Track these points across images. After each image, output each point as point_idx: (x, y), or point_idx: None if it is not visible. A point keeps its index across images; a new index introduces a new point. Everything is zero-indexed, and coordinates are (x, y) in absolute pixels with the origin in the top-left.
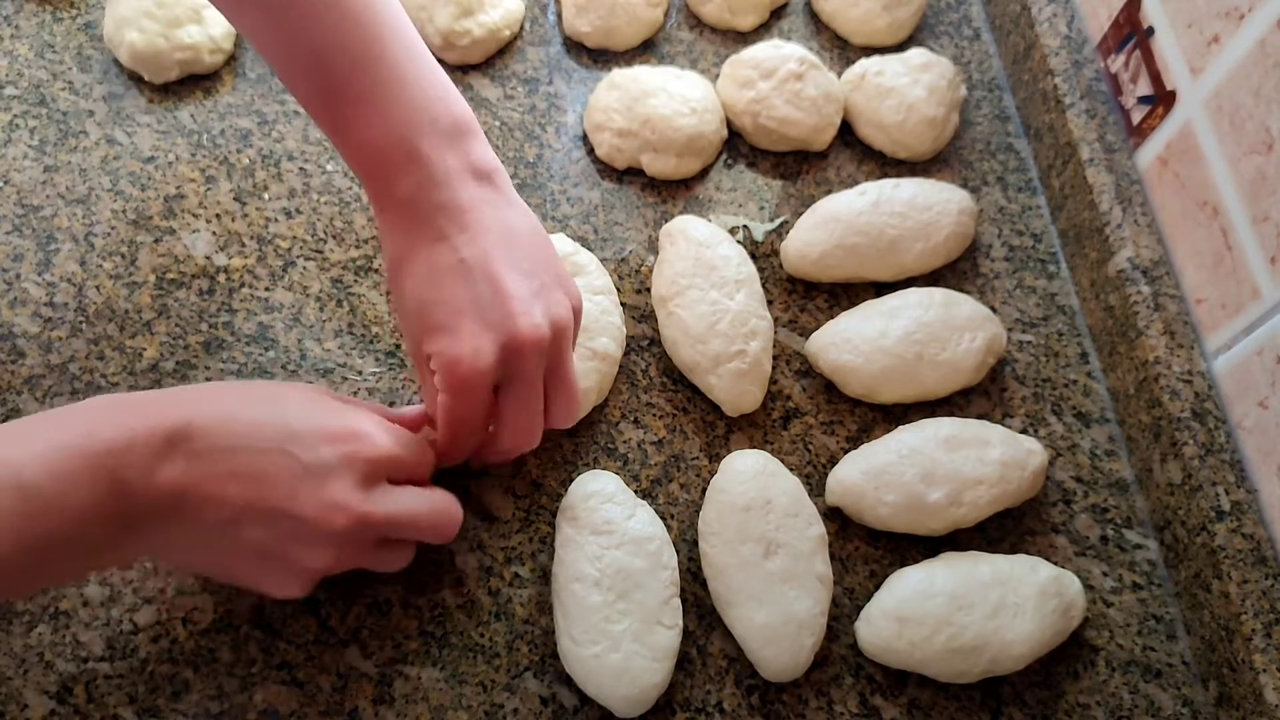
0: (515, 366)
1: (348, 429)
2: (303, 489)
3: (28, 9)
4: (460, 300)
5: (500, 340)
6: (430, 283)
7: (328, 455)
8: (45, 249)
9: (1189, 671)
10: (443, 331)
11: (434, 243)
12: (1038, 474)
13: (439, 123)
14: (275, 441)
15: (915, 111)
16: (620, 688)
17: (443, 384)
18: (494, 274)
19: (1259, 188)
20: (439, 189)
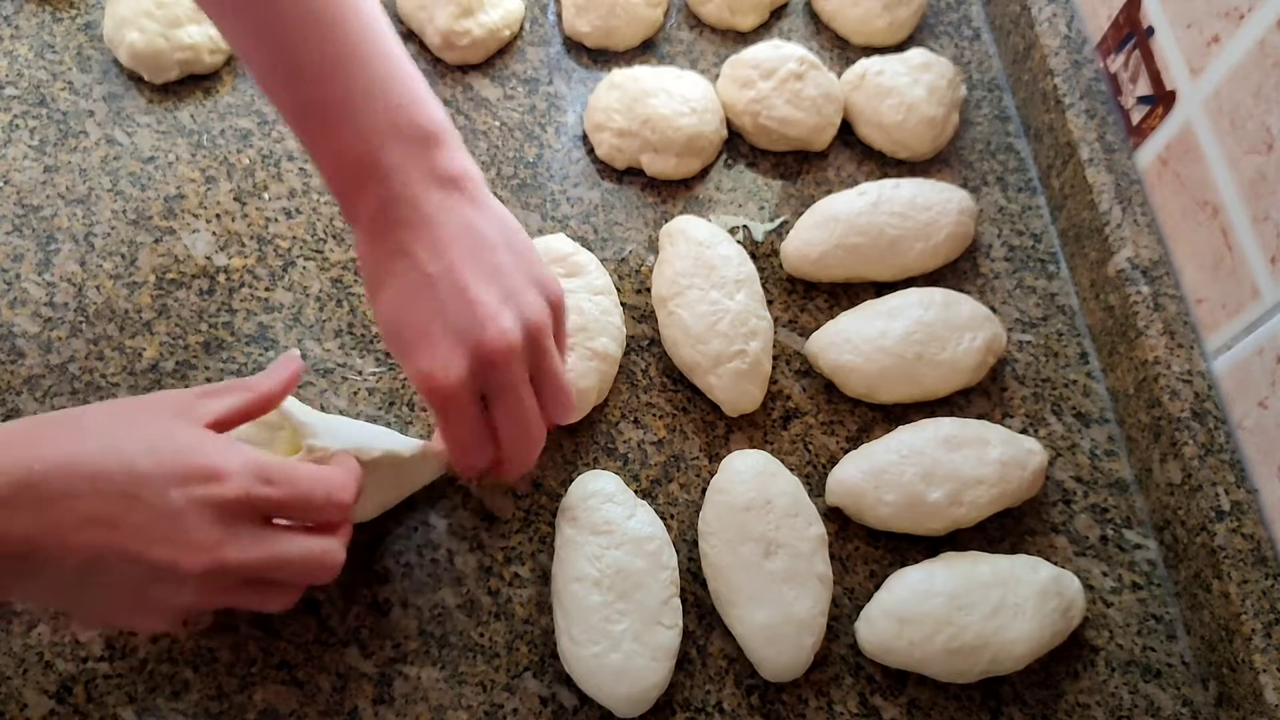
0: (493, 376)
1: (202, 468)
2: (154, 533)
3: (28, 9)
4: (428, 316)
5: (470, 352)
6: (400, 303)
7: (176, 497)
8: (45, 249)
9: (1189, 671)
10: (415, 349)
11: (399, 259)
12: (1038, 474)
13: (403, 131)
14: (122, 486)
15: (915, 111)
16: (620, 688)
17: (427, 401)
18: (461, 285)
19: (1259, 188)
20: (399, 204)
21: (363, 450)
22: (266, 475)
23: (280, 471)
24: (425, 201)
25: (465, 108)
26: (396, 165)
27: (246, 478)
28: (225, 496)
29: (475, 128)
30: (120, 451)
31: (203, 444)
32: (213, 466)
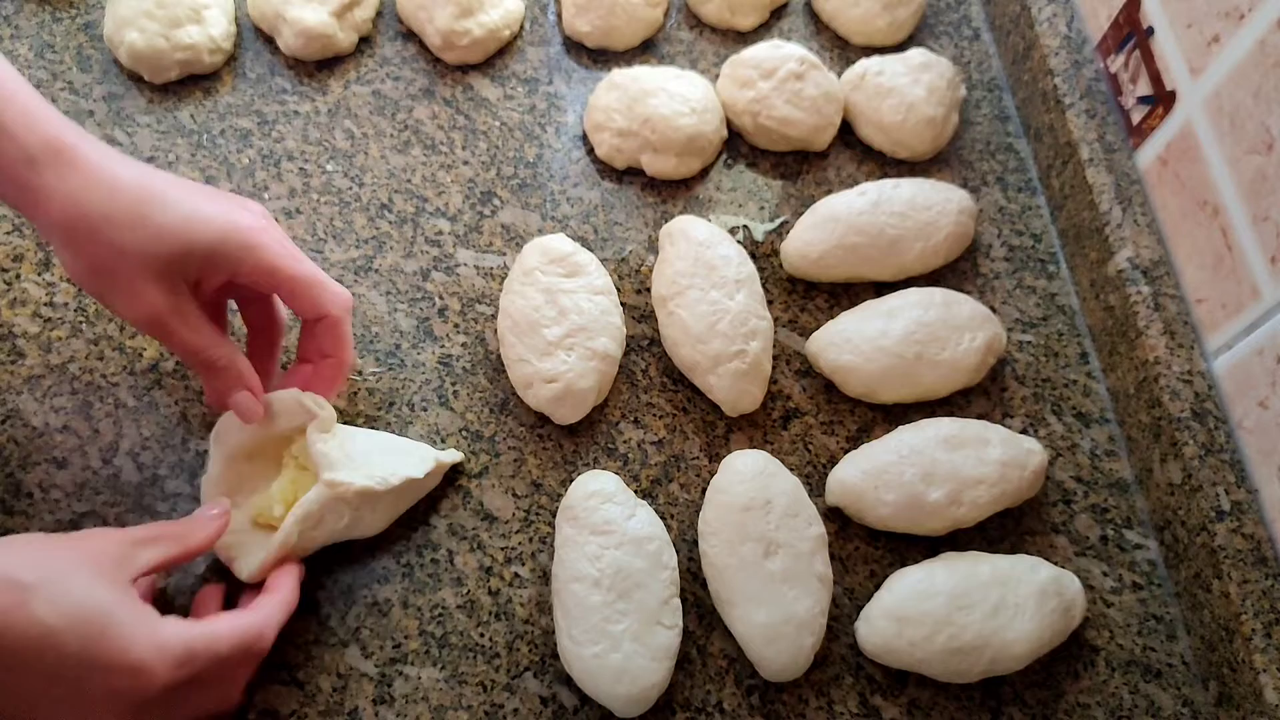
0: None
1: (124, 663)
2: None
3: (28, 9)
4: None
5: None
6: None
7: (97, 689)
8: (45, 249)
9: (1189, 671)
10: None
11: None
12: (1038, 474)
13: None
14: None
15: (915, 111)
16: (620, 688)
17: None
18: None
19: (1259, 188)
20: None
21: (383, 481)
22: (190, 657)
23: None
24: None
25: (465, 108)
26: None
27: (168, 671)
28: (145, 696)
29: (475, 128)
30: (51, 631)
31: (133, 629)
32: (138, 664)
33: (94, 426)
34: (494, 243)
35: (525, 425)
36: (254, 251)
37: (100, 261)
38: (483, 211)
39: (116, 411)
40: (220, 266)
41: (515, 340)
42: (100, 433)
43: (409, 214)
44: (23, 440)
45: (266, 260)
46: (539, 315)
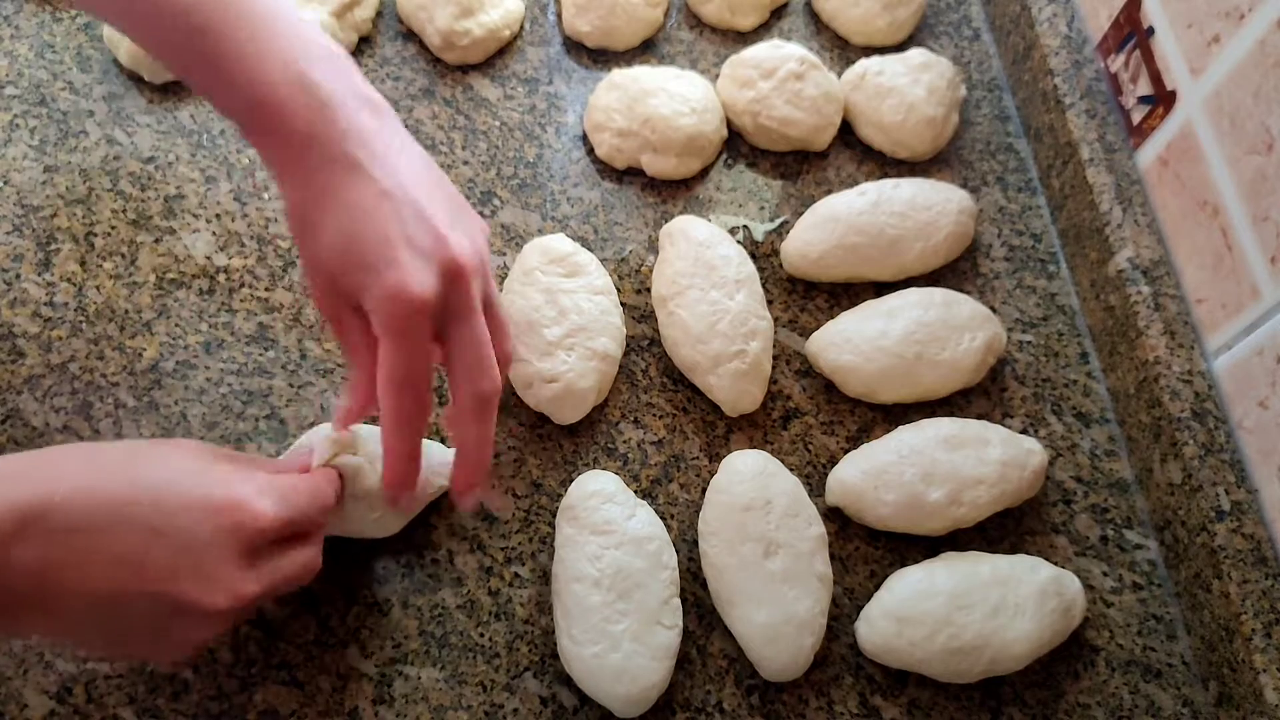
0: (456, 296)
1: (227, 500)
2: (179, 569)
3: (28, 9)
4: (390, 232)
5: (439, 267)
6: (354, 218)
7: (204, 531)
8: (45, 249)
9: (1189, 671)
10: (378, 267)
11: (348, 174)
12: (1038, 474)
13: (319, 52)
14: (144, 519)
15: (915, 111)
16: (620, 688)
17: (384, 323)
18: (417, 201)
19: (1259, 188)
20: (339, 115)
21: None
22: (284, 500)
23: (293, 494)
24: (361, 120)
25: (465, 108)
26: (327, 80)
27: (270, 506)
28: (254, 529)
29: (475, 128)
30: (144, 482)
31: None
32: (239, 498)
33: (94, 426)
34: (494, 243)
35: (525, 425)
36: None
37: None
38: (483, 211)
39: (116, 411)
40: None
41: (515, 340)
42: (100, 433)
43: None
44: (23, 440)
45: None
46: (539, 315)
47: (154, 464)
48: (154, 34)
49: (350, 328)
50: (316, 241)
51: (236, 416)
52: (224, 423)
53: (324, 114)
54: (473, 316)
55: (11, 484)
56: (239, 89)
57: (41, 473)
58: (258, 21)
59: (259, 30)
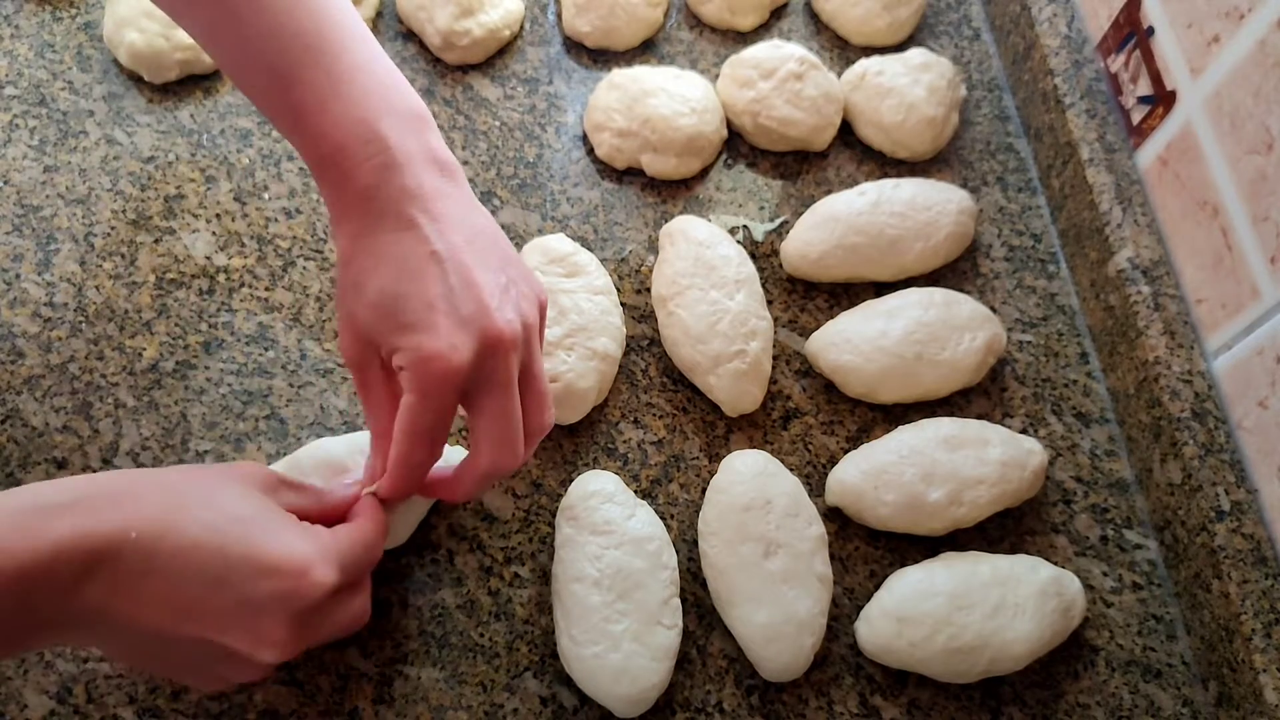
0: (491, 367)
1: (290, 563)
2: (232, 622)
3: (28, 9)
4: (433, 294)
5: (477, 337)
6: (400, 276)
7: (263, 590)
8: (45, 249)
9: (1189, 671)
10: (416, 328)
11: (401, 232)
12: (1038, 474)
13: (397, 110)
14: (209, 569)
15: (915, 111)
16: (620, 688)
17: (412, 384)
18: (466, 267)
19: (1259, 188)
20: (403, 173)
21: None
22: (342, 563)
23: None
24: (426, 180)
25: (465, 108)
26: (397, 138)
27: (328, 573)
28: (310, 597)
29: (475, 128)
30: (217, 530)
31: (290, 534)
32: (301, 564)
33: (94, 426)
34: None
35: None
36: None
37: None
38: None
39: (116, 411)
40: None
41: None
42: (100, 433)
43: None
44: (23, 440)
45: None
46: None
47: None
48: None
49: (374, 380)
50: (360, 294)
51: (236, 416)
52: (224, 423)
53: (387, 171)
54: (505, 391)
55: (92, 516)
56: (310, 139)
57: (120, 507)
58: (341, 73)
59: (340, 82)
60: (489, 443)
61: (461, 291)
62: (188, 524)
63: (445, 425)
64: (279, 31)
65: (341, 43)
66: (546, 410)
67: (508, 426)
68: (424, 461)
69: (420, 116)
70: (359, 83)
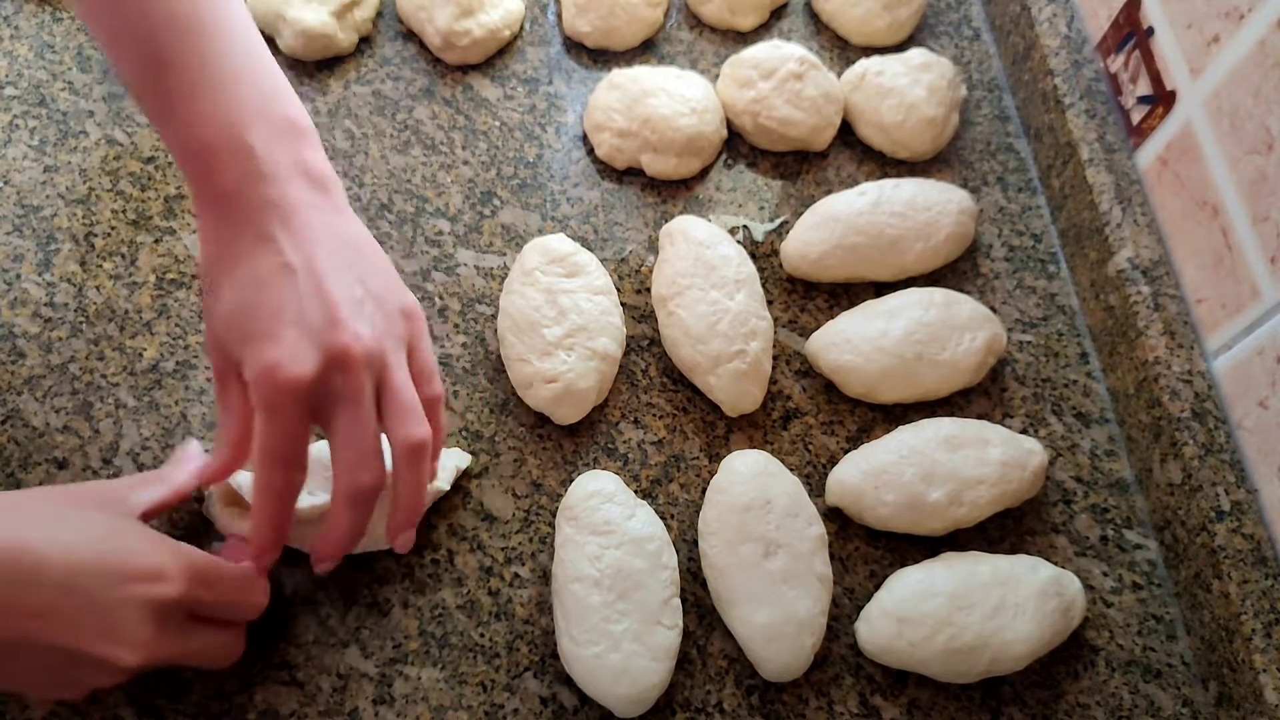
0: (339, 382)
1: (144, 568)
2: (86, 626)
3: (28, 9)
4: (282, 306)
5: (323, 350)
6: (250, 286)
7: (117, 594)
8: (45, 249)
9: (1189, 671)
10: (260, 339)
11: (256, 243)
12: (1038, 474)
13: (271, 119)
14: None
15: (915, 111)
16: (620, 688)
17: (257, 398)
18: (320, 280)
19: (1259, 188)
20: (266, 184)
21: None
22: (203, 578)
23: (214, 574)
24: (291, 192)
25: (465, 108)
26: (264, 148)
27: (184, 580)
28: (164, 598)
29: (475, 128)
30: (63, 541)
31: (142, 541)
32: (154, 567)
33: (94, 426)
34: (494, 243)
35: (525, 425)
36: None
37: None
38: (483, 212)
39: (116, 411)
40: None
41: (515, 340)
42: (100, 433)
43: (409, 214)
44: (23, 440)
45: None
46: (539, 315)
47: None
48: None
49: (232, 391)
50: (216, 301)
51: None
52: None
53: (250, 181)
54: (355, 407)
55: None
56: (178, 128)
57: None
58: (216, 73)
59: (218, 81)
60: (342, 463)
61: (312, 304)
62: (36, 542)
63: (298, 446)
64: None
65: (222, 40)
66: (411, 424)
67: (361, 445)
68: (283, 490)
69: (296, 126)
70: (232, 89)
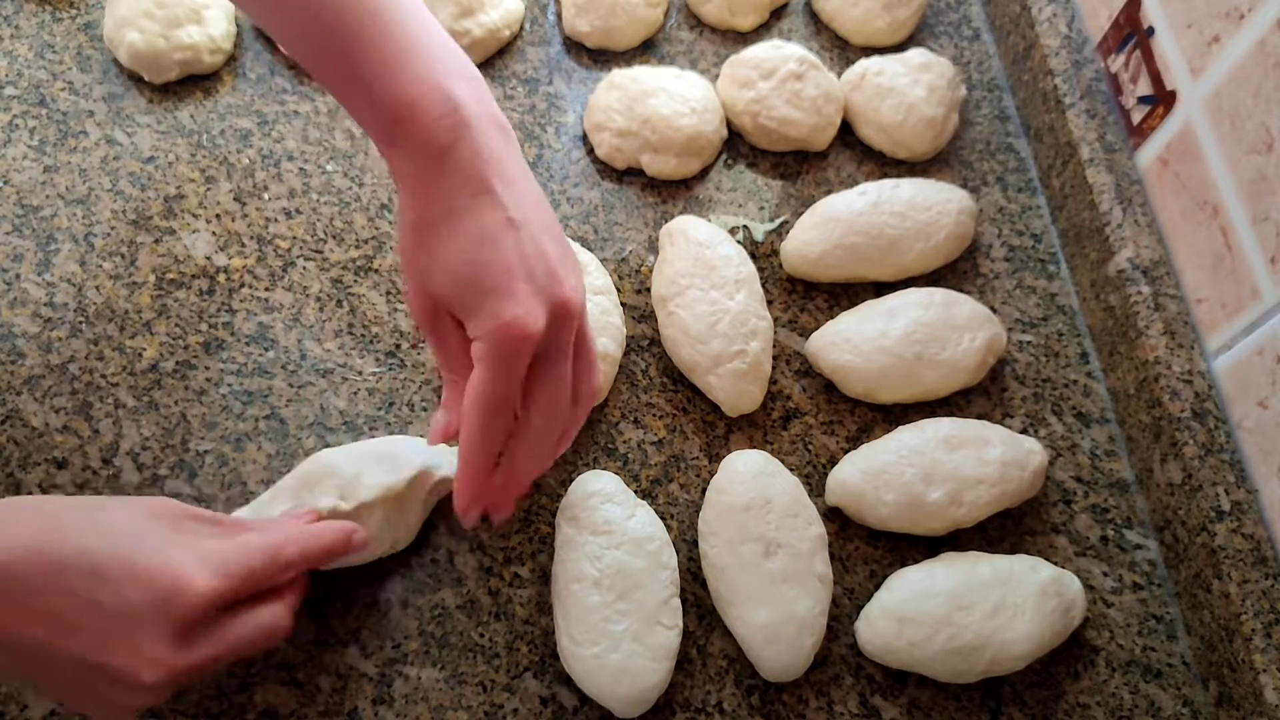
0: (557, 335)
1: (163, 572)
2: (110, 640)
3: (28, 9)
4: (511, 261)
5: (549, 304)
6: (479, 243)
7: (137, 602)
8: (45, 249)
9: (1189, 671)
10: (496, 293)
11: (478, 196)
12: (1038, 474)
13: (463, 71)
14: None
15: (915, 111)
16: (620, 688)
17: (490, 351)
18: (537, 235)
19: (1259, 188)
20: (475, 134)
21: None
22: (227, 571)
23: (241, 562)
24: (493, 142)
25: None
26: (467, 99)
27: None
28: (187, 605)
29: None
30: (87, 549)
31: (168, 547)
32: (177, 575)
33: (94, 426)
34: None
35: None
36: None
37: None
38: None
39: (116, 411)
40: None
41: None
42: (100, 433)
43: None
44: (23, 440)
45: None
46: None
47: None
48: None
49: (450, 342)
50: (432, 258)
51: (236, 417)
52: (224, 423)
53: (461, 132)
54: (563, 358)
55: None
56: (379, 98)
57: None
58: (405, 34)
59: (405, 43)
60: (539, 409)
61: (537, 260)
62: (59, 545)
63: (516, 395)
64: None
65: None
66: (596, 375)
67: (561, 392)
68: (497, 438)
69: (479, 80)
70: (423, 45)
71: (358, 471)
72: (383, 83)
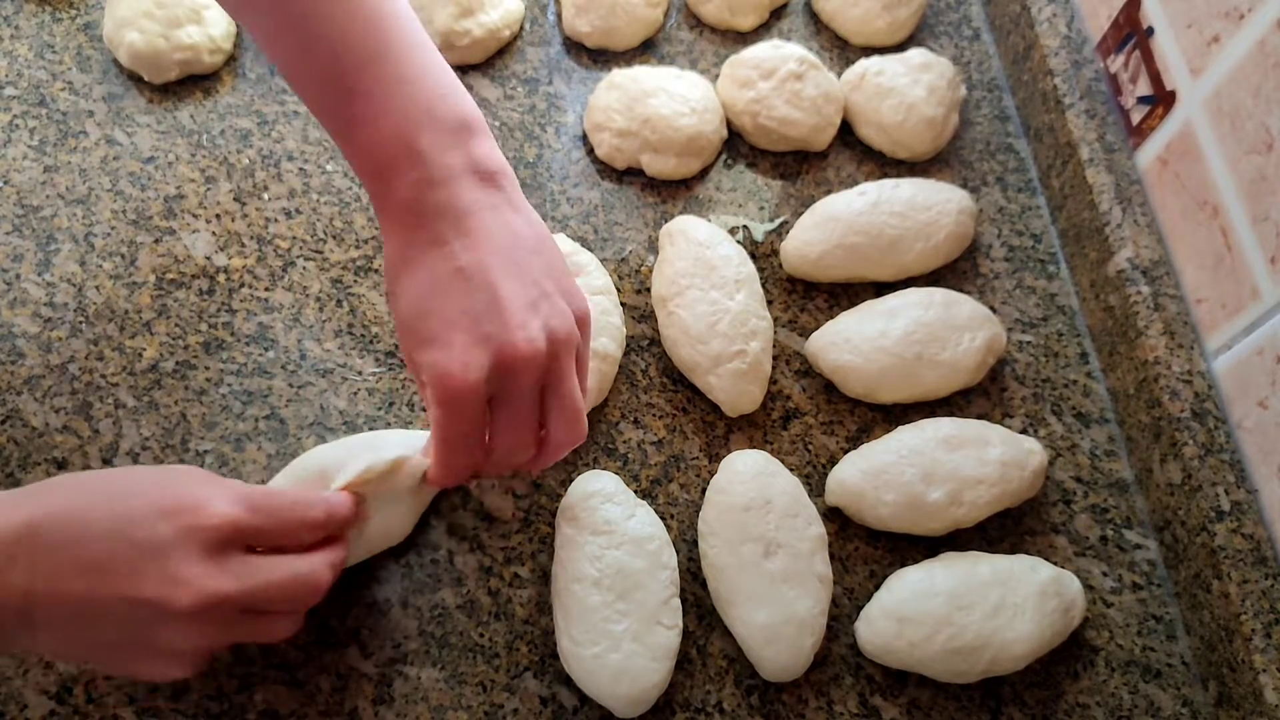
0: (507, 383)
1: (184, 499)
2: (142, 571)
3: (28, 9)
4: (454, 311)
5: (493, 354)
6: (426, 291)
7: (163, 530)
8: (45, 249)
9: (1189, 671)
10: (435, 343)
11: (431, 248)
12: (1037, 474)
13: (442, 120)
14: (110, 527)
15: (915, 111)
16: (620, 688)
17: (433, 398)
18: (492, 283)
19: (1259, 188)
20: (437, 189)
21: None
22: (251, 503)
23: (264, 498)
24: (463, 193)
25: None
26: (435, 152)
27: (230, 506)
28: (210, 525)
29: None
30: (114, 496)
31: (190, 478)
32: (197, 497)
33: (94, 426)
34: None
35: None
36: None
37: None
38: None
39: (116, 411)
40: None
41: None
42: (100, 433)
43: None
44: (23, 440)
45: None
46: None
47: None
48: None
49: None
50: (397, 305)
51: (236, 417)
52: (224, 423)
53: (423, 188)
54: (518, 406)
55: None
56: (358, 151)
57: (31, 501)
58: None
59: (387, 96)
60: (499, 446)
61: (484, 307)
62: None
63: (476, 431)
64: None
65: (392, 52)
66: (573, 425)
67: (518, 436)
68: (465, 463)
69: (466, 125)
70: (405, 94)
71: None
72: (363, 133)
